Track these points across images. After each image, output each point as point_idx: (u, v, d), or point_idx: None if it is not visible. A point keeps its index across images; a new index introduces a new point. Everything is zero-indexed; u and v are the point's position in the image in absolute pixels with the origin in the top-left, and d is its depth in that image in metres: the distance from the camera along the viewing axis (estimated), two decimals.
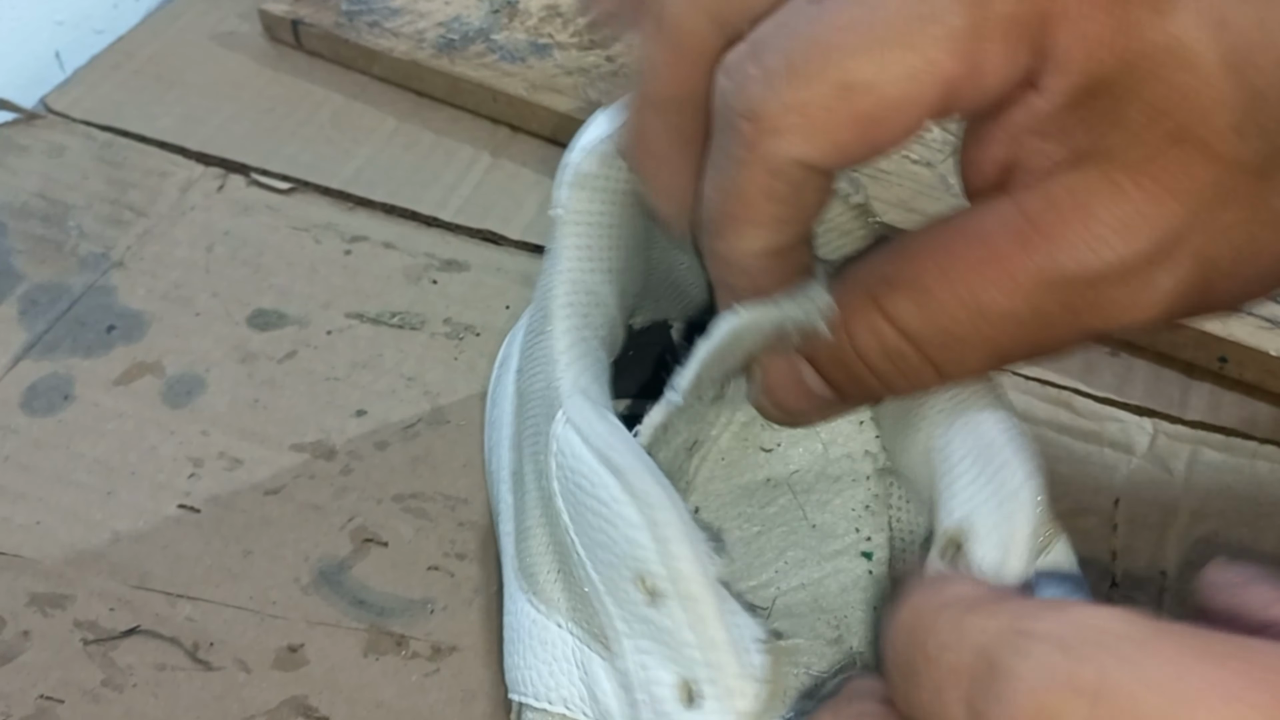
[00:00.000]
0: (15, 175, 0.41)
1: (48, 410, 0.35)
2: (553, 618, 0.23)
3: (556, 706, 0.23)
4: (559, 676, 0.23)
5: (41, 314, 0.37)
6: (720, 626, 0.19)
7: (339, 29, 0.44)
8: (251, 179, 0.41)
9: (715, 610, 0.19)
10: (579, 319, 0.24)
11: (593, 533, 0.21)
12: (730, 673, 0.19)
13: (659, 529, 0.19)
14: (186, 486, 0.33)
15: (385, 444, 0.34)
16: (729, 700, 0.19)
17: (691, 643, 0.19)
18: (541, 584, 0.23)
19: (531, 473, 0.24)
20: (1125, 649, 0.14)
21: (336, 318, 0.37)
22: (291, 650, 0.29)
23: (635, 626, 0.20)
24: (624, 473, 0.20)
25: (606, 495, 0.20)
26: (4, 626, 0.30)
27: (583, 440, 0.21)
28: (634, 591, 0.20)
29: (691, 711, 0.19)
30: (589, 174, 0.24)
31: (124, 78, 0.45)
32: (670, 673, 0.20)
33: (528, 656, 0.23)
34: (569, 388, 0.23)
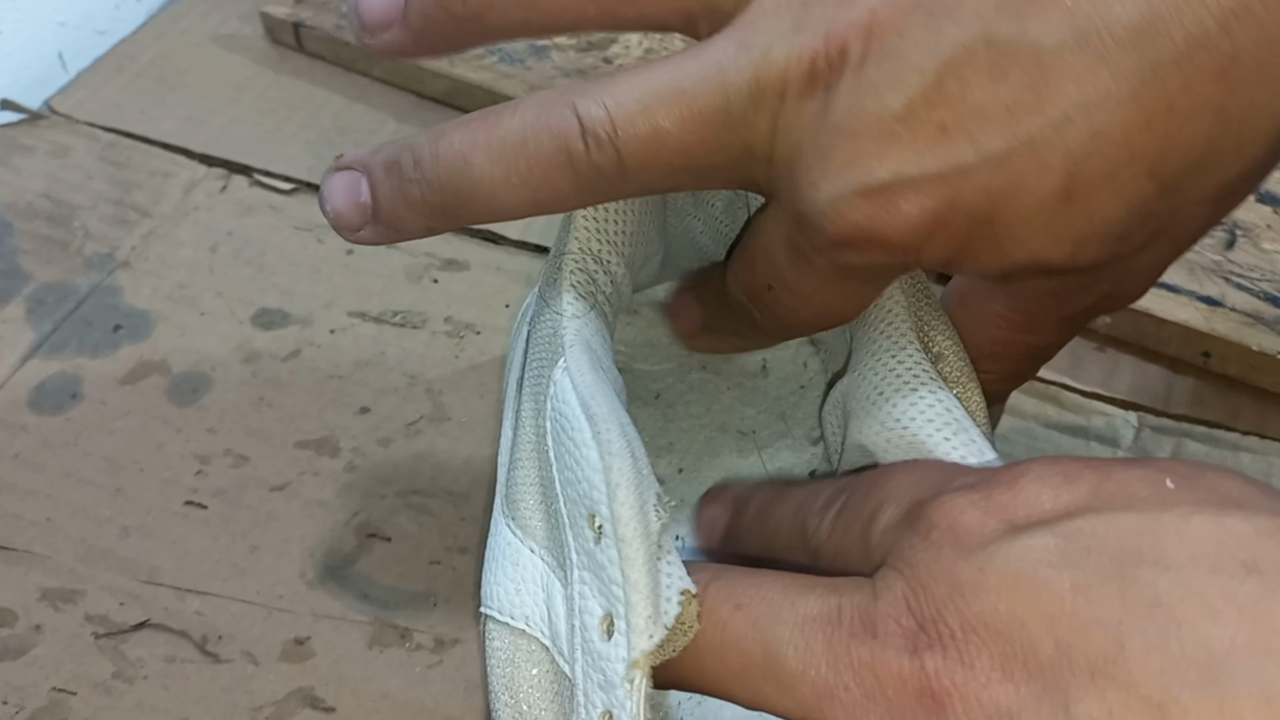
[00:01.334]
0: (20, 176, 0.42)
1: (56, 409, 0.35)
2: (527, 543, 0.25)
3: (518, 622, 0.24)
4: (525, 596, 0.24)
5: (49, 314, 0.38)
6: (644, 572, 0.20)
7: (340, 31, 0.45)
8: (254, 180, 0.42)
9: (643, 556, 0.20)
10: (587, 281, 0.25)
11: (566, 471, 0.23)
12: (641, 614, 0.20)
13: (611, 474, 0.21)
14: (193, 483, 0.33)
15: (388, 441, 0.34)
16: (632, 635, 0.20)
17: (618, 580, 0.21)
18: (522, 512, 0.25)
19: (530, 411, 0.25)
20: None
21: (339, 317, 0.38)
22: (298, 643, 0.30)
23: (583, 560, 0.22)
24: (596, 419, 0.22)
25: (580, 438, 0.22)
26: (16, 621, 0.30)
27: (572, 386, 0.23)
28: (586, 528, 0.22)
29: (606, 643, 0.21)
30: None
31: (127, 79, 0.46)
32: (599, 605, 0.21)
33: (499, 575, 0.25)
34: (571, 338, 0.24)
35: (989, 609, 0.17)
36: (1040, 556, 0.17)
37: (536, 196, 0.22)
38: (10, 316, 0.38)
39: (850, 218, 0.20)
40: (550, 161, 0.22)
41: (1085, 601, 0.17)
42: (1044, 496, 0.19)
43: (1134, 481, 0.18)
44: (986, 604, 0.17)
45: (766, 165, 0.22)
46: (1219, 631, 0.15)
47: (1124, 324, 0.36)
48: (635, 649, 0.20)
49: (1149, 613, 0.16)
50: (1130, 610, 0.16)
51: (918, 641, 0.18)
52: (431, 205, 0.23)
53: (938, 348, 0.25)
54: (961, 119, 0.20)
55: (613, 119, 0.21)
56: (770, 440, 0.31)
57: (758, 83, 0.21)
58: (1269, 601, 0.15)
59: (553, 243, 0.27)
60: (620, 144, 0.21)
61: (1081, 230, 0.20)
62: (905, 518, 0.20)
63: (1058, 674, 0.16)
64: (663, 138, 0.21)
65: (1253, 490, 0.18)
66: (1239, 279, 0.36)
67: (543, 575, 0.24)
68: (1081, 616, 0.16)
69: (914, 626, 0.18)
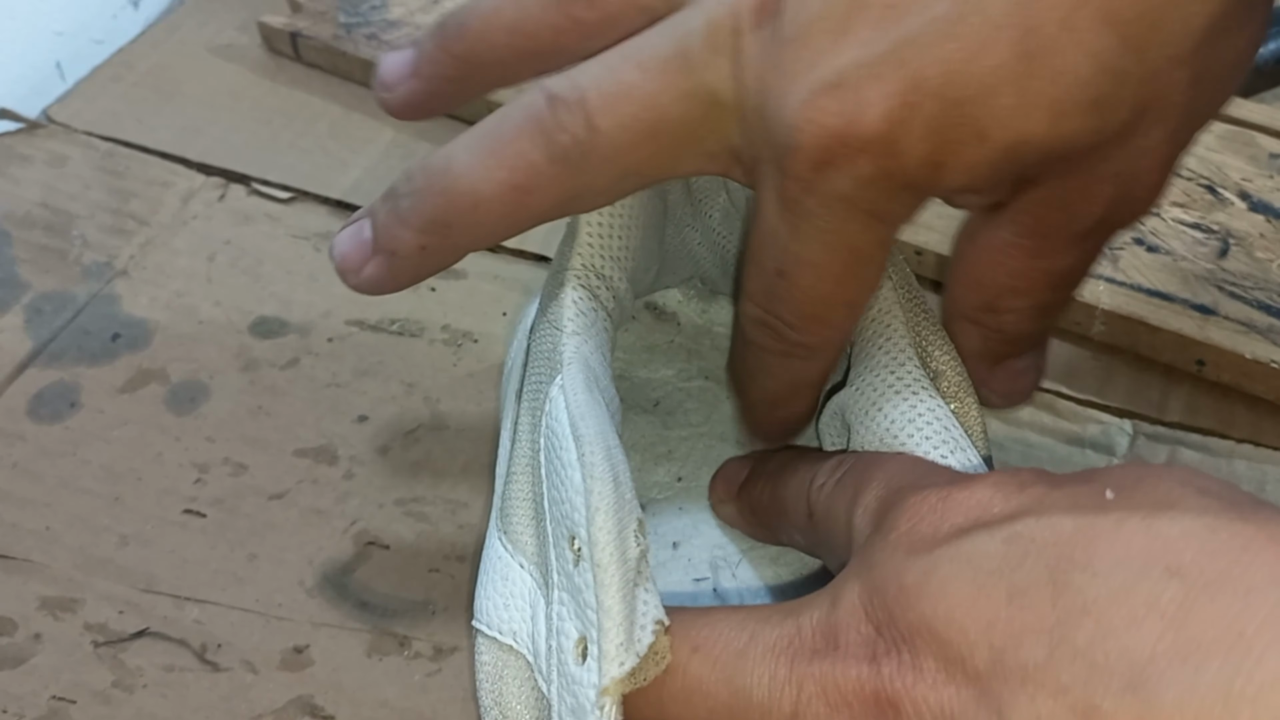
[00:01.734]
0: (18, 185, 0.42)
1: (54, 418, 0.35)
2: (517, 558, 0.25)
3: (505, 638, 0.24)
4: (513, 611, 0.24)
5: (47, 322, 0.38)
6: (619, 599, 0.20)
7: (337, 41, 0.45)
8: (252, 189, 0.42)
9: (619, 583, 0.20)
10: (589, 297, 0.26)
11: (553, 490, 0.23)
12: (614, 640, 0.20)
13: (592, 497, 0.21)
14: (192, 492, 0.33)
15: (386, 449, 0.35)
16: (603, 662, 0.20)
17: (593, 605, 0.21)
18: (514, 526, 0.25)
19: (527, 425, 0.25)
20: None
21: (337, 325, 0.38)
22: (297, 651, 0.30)
23: (563, 580, 0.22)
24: (582, 441, 0.22)
25: (567, 459, 0.22)
26: (16, 630, 0.30)
27: (565, 405, 0.23)
28: (567, 549, 0.22)
29: (580, 667, 0.21)
30: None
31: (124, 89, 0.46)
32: (575, 628, 0.21)
33: (489, 589, 0.25)
34: (570, 356, 0.24)
35: (931, 611, 0.18)
36: (980, 561, 0.18)
37: (515, 180, 0.22)
38: (8, 325, 0.38)
39: (820, 122, 0.20)
40: (523, 136, 0.22)
41: (1019, 608, 0.17)
42: (995, 500, 0.19)
43: (1079, 488, 0.18)
44: (928, 606, 0.18)
45: (738, 117, 0.22)
46: (1142, 637, 0.16)
47: (1118, 332, 0.36)
48: (606, 675, 0.20)
49: (1079, 620, 0.16)
50: (1061, 617, 0.16)
51: (875, 647, 0.18)
52: (421, 215, 0.23)
53: (936, 364, 0.25)
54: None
55: (579, 85, 0.21)
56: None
57: (710, 24, 0.21)
58: (1189, 606, 0.16)
59: (554, 255, 0.27)
60: (589, 106, 0.21)
61: (1052, 94, 0.20)
62: (877, 510, 0.21)
63: (992, 679, 0.17)
64: (627, 90, 0.21)
65: (1187, 491, 0.18)
66: (1232, 287, 0.36)
67: (530, 592, 0.24)
68: (1015, 623, 0.17)
69: (872, 632, 0.18)
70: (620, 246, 0.26)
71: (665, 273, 0.31)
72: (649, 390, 0.32)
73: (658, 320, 0.32)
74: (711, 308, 0.33)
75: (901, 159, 0.20)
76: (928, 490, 0.20)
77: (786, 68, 0.20)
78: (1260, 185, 0.39)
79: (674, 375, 0.32)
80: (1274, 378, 0.34)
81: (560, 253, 0.27)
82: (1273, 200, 0.38)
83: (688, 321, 0.33)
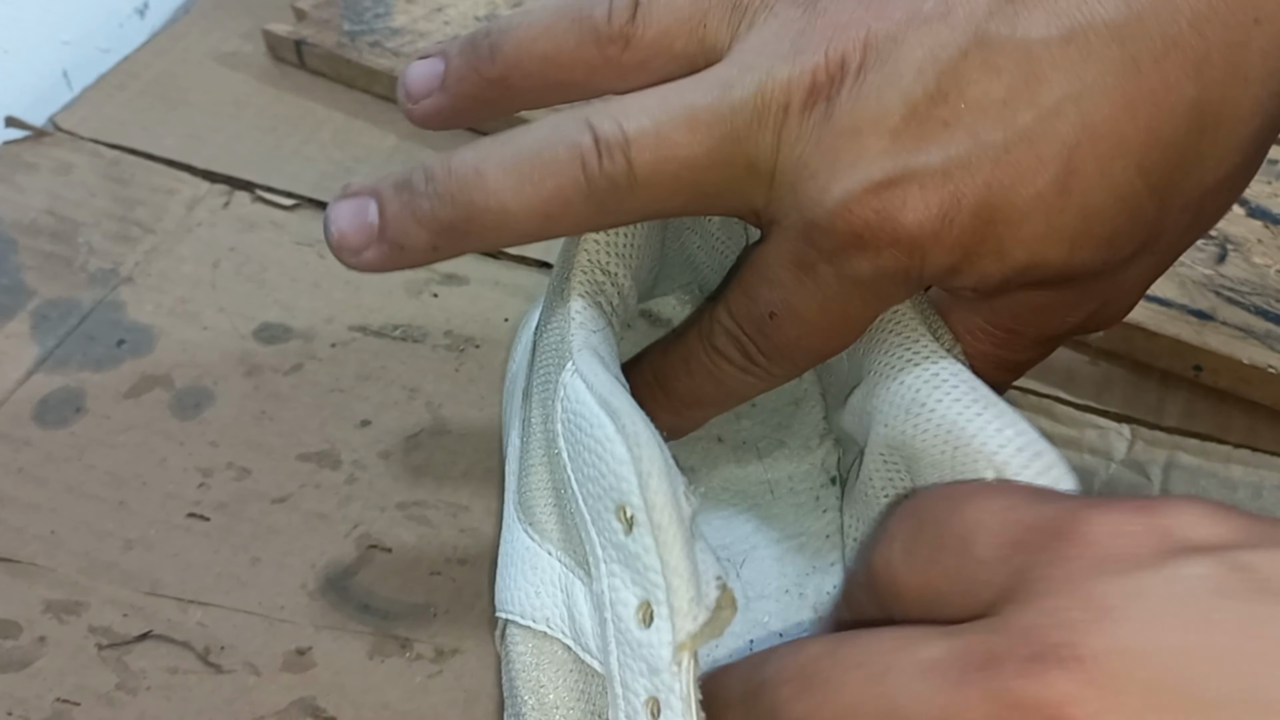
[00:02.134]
0: (24, 193, 0.43)
1: (60, 423, 0.36)
2: (544, 546, 0.25)
3: (539, 625, 0.25)
4: (544, 598, 0.25)
5: (52, 329, 0.38)
6: (683, 556, 0.21)
7: (341, 49, 0.46)
8: (256, 196, 0.42)
9: (681, 541, 0.21)
10: (595, 291, 0.26)
11: (586, 468, 0.23)
12: (684, 597, 0.20)
13: (641, 464, 0.21)
14: (196, 496, 0.34)
15: (388, 453, 0.35)
16: (677, 619, 0.20)
17: (655, 567, 0.21)
18: (538, 516, 0.25)
19: (539, 418, 0.26)
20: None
21: (340, 331, 0.38)
22: (299, 653, 0.30)
23: (611, 553, 0.22)
24: (619, 414, 0.22)
25: (602, 434, 0.22)
26: (21, 633, 0.31)
27: (587, 387, 0.23)
28: (614, 521, 0.22)
29: (646, 630, 0.21)
30: None
31: (130, 97, 0.46)
32: (634, 595, 0.22)
33: (519, 579, 0.25)
34: (580, 344, 0.24)
35: (1140, 635, 0.16)
36: (1205, 585, 0.16)
37: (547, 209, 0.22)
38: (14, 332, 0.38)
39: (860, 214, 0.21)
40: (564, 170, 0.22)
41: (1261, 640, 0.16)
42: (1198, 526, 0.18)
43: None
44: (1135, 629, 0.16)
45: (768, 184, 0.22)
46: None
47: (1116, 338, 0.36)
48: (681, 631, 0.20)
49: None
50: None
51: (1048, 667, 0.17)
52: (440, 220, 0.23)
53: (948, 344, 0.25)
54: (960, 114, 0.21)
55: (625, 131, 0.22)
56: (769, 450, 0.31)
57: (761, 98, 0.22)
58: None
59: (556, 259, 0.27)
60: (632, 154, 0.22)
61: (1076, 227, 0.21)
62: (1017, 544, 0.19)
63: (1223, 712, 0.15)
64: (672, 149, 0.22)
65: None
66: (1230, 293, 0.36)
67: (561, 577, 0.25)
68: (1255, 653, 0.16)
69: (1043, 652, 0.17)
70: (625, 244, 0.26)
71: (663, 279, 0.31)
72: None
73: (653, 327, 0.33)
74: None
75: (924, 262, 0.22)
76: (1096, 514, 0.18)
77: (834, 155, 0.21)
78: (1258, 191, 0.39)
79: None
80: (1271, 383, 0.34)
81: (565, 251, 0.27)
82: (1270, 206, 0.38)
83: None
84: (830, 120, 0.21)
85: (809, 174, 0.22)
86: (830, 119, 0.21)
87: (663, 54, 0.23)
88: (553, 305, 0.26)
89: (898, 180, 0.21)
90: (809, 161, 0.22)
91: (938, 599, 0.20)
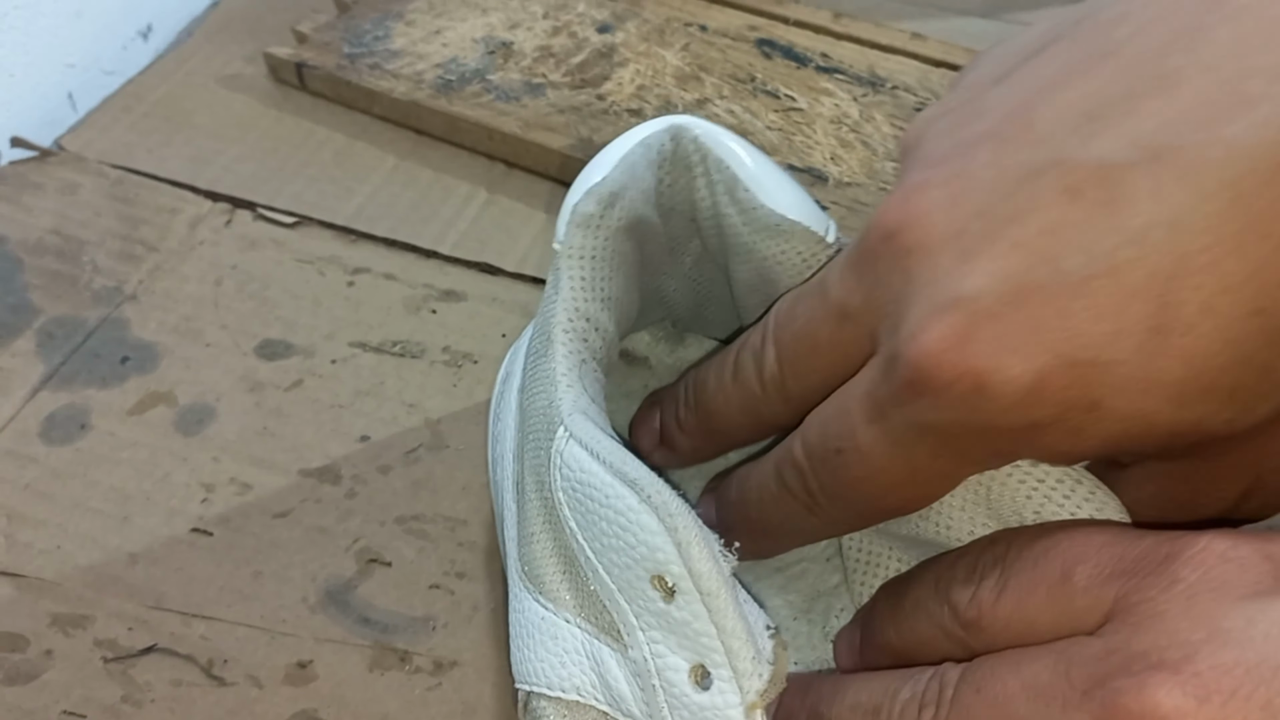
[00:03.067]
0: (31, 213, 0.43)
1: (66, 439, 0.36)
2: (561, 614, 0.25)
3: (569, 694, 0.24)
4: (570, 667, 0.24)
5: (58, 347, 0.39)
6: (737, 617, 0.21)
7: (341, 71, 0.46)
8: (258, 214, 0.43)
9: (732, 605, 0.21)
10: (579, 343, 0.26)
11: (605, 539, 0.23)
12: (745, 657, 0.21)
13: (678, 534, 0.21)
14: (199, 511, 0.34)
15: (388, 468, 0.35)
16: (743, 681, 0.21)
17: (709, 632, 0.21)
18: (549, 585, 0.25)
19: (533, 483, 0.26)
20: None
21: (340, 347, 0.39)
22: (301, 666, 0.31)
23: (649, 620, 0.22)
24: (640, 484, 0.22)
25: (623, 505, 0.22)
26: (28, 646, 0.31)
27: (592, 456, 0.23)
28: (649, 590, 0.22)
29: (705, 693, 0.22)
30: (588, 214, 0.26)
31: (134, 119, 0.47)
32: (684, 659, 0.22)
33: (538, 650, 0.25)
34: (569, 407, 0.24)
35: (1257, 660, 0.16)
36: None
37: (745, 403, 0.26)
38: (21, 350, 0.39)
39: (925, 341, 0.19)
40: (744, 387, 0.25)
41: None
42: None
43: None
44: (1254, 654, 0.16)
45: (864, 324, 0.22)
46: None
47: None
48: (750, 692, 0.21)
49: None
50: None
51: (1162, 681, 0.17)
52: (688, 424, 0.28)
53: None
54: (1035, 237, 0.19)
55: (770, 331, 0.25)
56: None
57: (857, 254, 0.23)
58: None
59: (540, 305, 0.28)
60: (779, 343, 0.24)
61: (1182, 374, 0.18)
62: (1121, 571, 0.19)
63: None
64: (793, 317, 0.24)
65: None
66: None
67: (585, 644, 0.24)
68: None
69: (1159, 666, 0.17)
70: (604, 287, 0.26)
71: (642, 315, 0.31)
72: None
73: (630, 366, 0.33)
74: (679, 348, 0.33)
75: (992, 403, 0.19)
76: (1204, 539, 0.18)
77: (907, 275, 0.20)
78: None
79: None
80: None
81: (545, 300, 0.27)
82: None
83: (659, 363, 0.33)
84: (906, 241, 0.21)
85: (892, 297, 0.21)
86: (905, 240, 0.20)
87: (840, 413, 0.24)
88: (537, 364, 0.26)
89: (963, 303, 0.19)
90: (891, 284, 0.21)
91: (1031, 627, 0.20)
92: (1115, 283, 0.18)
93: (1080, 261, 0.18)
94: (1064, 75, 0.20)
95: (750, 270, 0.28)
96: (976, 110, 0.21)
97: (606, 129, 0.43)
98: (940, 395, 0.19)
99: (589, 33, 0.48)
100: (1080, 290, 0.18)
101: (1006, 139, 0.20)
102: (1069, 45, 0.20)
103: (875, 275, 0.21)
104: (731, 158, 0.27)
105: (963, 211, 0.20)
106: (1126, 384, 0.18)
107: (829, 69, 0.46)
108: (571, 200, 0.27)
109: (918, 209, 0.20)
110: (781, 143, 0.43)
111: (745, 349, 0.25)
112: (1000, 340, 0.19)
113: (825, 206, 0.41)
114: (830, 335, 0.22)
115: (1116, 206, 0.18)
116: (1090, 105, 0.19)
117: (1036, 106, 0.20)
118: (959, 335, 0.19)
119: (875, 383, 0.21)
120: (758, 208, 0.27)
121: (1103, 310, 0.18)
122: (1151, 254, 0.18)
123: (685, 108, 0.44)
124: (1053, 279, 0.18)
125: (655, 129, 0.27)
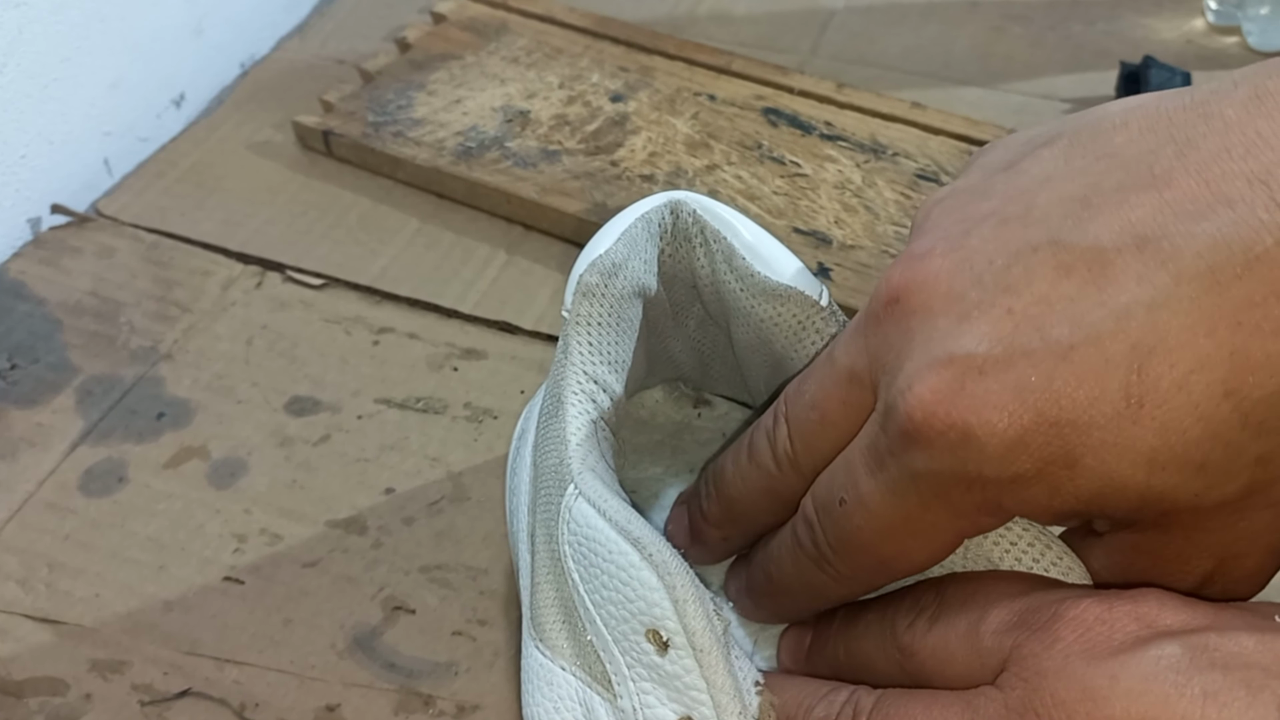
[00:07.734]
0: (69, 275, 0.45)
1: (104, 492, 0.38)
2: (557, 662, 0.26)
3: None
4: (564, 713, 0.26)
5: (96, 404, 0.41)
6: (727, 674, 0.23)
7: (366, 139, 0.48)
8: (287, 276, 0.45)
9: (723, 662, 0.23)
10: (588, 404, 0.27)
11: (605, 591, 0.24)
12: (732, 712, 0.22)
13: (676, 591, 0.23)
14: (231, 561, 0.36)
15: (412, 519, 0.37)
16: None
17: (699, 686, 0.23)
18: (548, 632, 0.27)
19: (543, 536, 0.27)
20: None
21: (366, 403, 0.40)
22: (329, 710, 0.32)
23: (640, 671, 0.24)
24: (643, 543, 0.24)
25: (624, 561, 0.24)
26: (68, 690, 0.33)
27: (599, 513, 0.25)
28: (643, 643, 0.23)
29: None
30: (591, 284, 0.28)
31: (168, 184, 0.49)
32: (672, 711, 0.23)
33: (536, 695, 0.27)
34: (579, 466, 0.26)
35: (1121, 714, 0.19)
36: (1170, 664, 0.19)
37: (763, 483, 0.26)
38: (61, 406, 0.40)
39: (920, 392, 0.21)
40: (760, 467, 0.26)
41: (1215, 707, 0.18)
42: (1166, 614, 0.20)
43: (1246, 613, 0.20)
44: (1119, 709, 0.19)
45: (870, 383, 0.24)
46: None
47: None
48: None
49: (1277, 716, 0.18)
50: (1259, 715, 0.18)
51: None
52: (712, 514, 0.28)
53: None
54: (1027, 306, 0.20)
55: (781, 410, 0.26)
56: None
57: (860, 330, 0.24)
58: None
59: (551, 366, 0.29)
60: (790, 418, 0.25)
61: (1153, 443, 0.19)
62: (1019, 624, 0.22)
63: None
64: (801, 392, 0.25)
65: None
66: None
67: (578, 691, 0.26)
68: (1209, 717, 0.18)
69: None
70: (613, 351, 0.28)
71: (649, 374, 0.33)
72: (642, 489, 0.33)
73: (639, 424, 0.34)
74: (687, 406, 0.35)
75: (979, 453, 0.20)
76: (1085, 601, 0.21)
77: (908, 333, 0.22)
78: None
79: (662, 472, 0.33)
80: None
81: (556, 364, 0.28)
82: None
83: (667, 420, 0.34)
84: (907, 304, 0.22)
85: (893, 353, 0.22)
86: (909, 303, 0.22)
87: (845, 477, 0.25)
88: (549, 424, 0.28)
89: (957, 361, 0.20)
90: (893, 342, 0.22)
91: (950, 661, 0.23)
92: (1097, 352, 0.20)
93: (1067, 331, 0.20)
94: (1065, 168, 0.22)
95: (749, 332, 0.29)
96: (983, 192, 0.23)
97: (620, 194, 0.45)
98: (932, 444, 0.21)
99: (602, 102, 0.50)
100: (1065, 356, 0.20)
101: (1008, 218, 0.22)
102: (1072, 143, 0.22)
103: (880, 336, 0.23)
104: (727, 229, 0.29)
105: (963, 279, 0.21)
106: (1102, 446, 0.20)
107: (832, 136, 0.48)
108: (577, 271, 0.28)
109: (922, 274, 0.22)
110: (787, 207, 0.45)
111: (759, 430, 0.26)
112: (988, 396, 0.20)
113: (829, 268, 0.42)
114: (839, 400, 0.24)
115: (1104, 284, 0.20)
116: (1086, 194, 0.21)
117: (1038, 193, 0.22)
118: (950, 389, 0.20)
119: (875, 435, 0.23)
120: (754, 274, 0.28)
121: (1084, 376, 0.20)
122: (1133, 329, 0.19)
123: (695, 173, 0.46)
124: (1041, 345, 0.20)
125: (655, 203, 0.29)
